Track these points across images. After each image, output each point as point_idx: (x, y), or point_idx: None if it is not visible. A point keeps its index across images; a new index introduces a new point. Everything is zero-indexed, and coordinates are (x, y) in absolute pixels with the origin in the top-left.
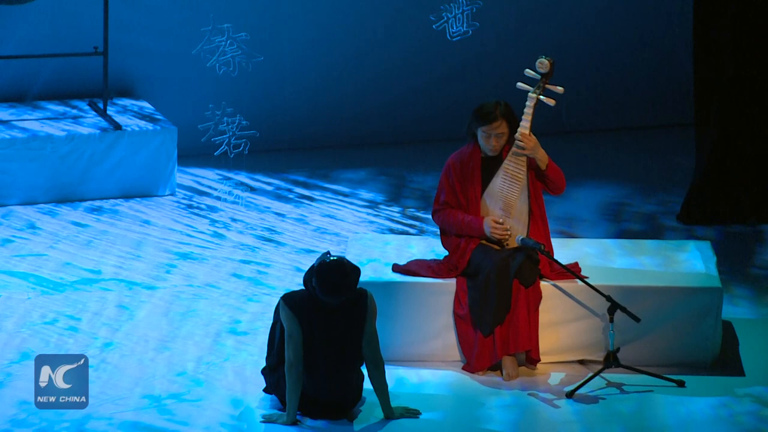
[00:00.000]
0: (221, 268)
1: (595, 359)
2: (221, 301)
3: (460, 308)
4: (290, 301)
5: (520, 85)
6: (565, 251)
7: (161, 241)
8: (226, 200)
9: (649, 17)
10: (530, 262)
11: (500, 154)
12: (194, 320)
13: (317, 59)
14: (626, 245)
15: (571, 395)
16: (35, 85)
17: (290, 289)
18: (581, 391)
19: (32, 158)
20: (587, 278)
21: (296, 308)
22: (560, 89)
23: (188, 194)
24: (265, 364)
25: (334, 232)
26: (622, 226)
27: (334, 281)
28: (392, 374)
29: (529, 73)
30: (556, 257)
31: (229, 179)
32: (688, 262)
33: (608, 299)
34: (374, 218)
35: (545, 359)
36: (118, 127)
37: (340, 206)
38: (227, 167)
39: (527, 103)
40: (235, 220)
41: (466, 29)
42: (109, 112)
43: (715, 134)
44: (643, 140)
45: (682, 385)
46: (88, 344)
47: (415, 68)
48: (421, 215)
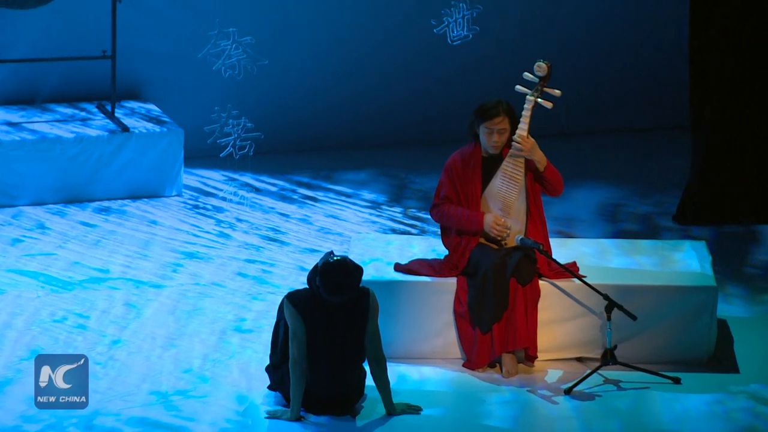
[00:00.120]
0: (227, 267)
1: (592, 356)
2: (227, 299)
3: (460, 306)
4: (294, 299)
5: (518, 88)
6: (563, 251)
7: (168, 240)
8: (231, 201)
9: (646, 22)
10: (527, 260)
11: (500, 154)
12: (200, 318)
13: (321, 63)
14: (623, 245)
15: (569, 392)
16: (45, 87)
17: (294, 287)
18: (579, 387)
19: (42, 160)
20: (585, 277)
21: (300, 307)
22: (557, 92)
23: (194, 195)
24: (269, 361)
25: (337, 232)
26: (619, 226)
27: (337, 281)
28: (394, 371)
29: (527, 76)
30: (554, 257)
31: (234, 180)
32: (683, 261)
33: (605, 298)
34: (376, 218)
35: (544, 356)
36: (125, 129)
37: (343, 207)
38: (233, 168)
39: (525, 105)
40: (240, 220)
41: (466, 33)
42: (117, 114)
43: (710, 136)
44: (639, 142)
45: (677, 381)
46: (96, 342)
47: (416, 71)
48: (422, 215)
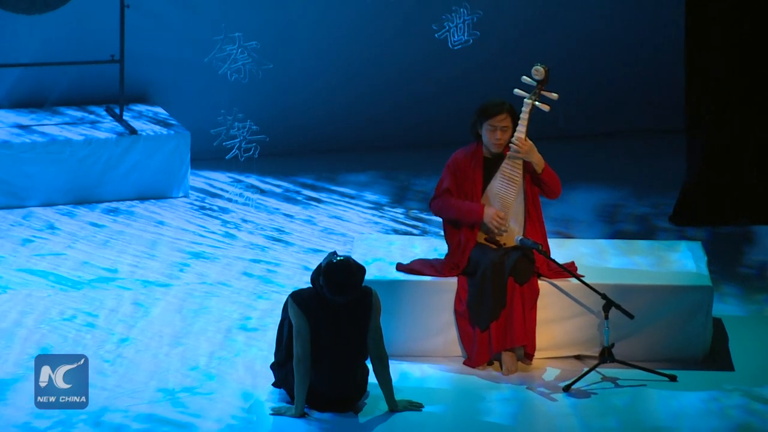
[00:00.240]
0: (232, 266)
1: (590, 355)
2: (232, 298)
3: (460, 306)
4: (298, 298)
5: (516, 91)
6: (562, 251)
7: (175, 241)
8: (237, 202)
9: (643, 26)
10: (525, 260)
11: (502, 155)
12: (206, 317)
13: (324, 67)
14: (621, 245)
15: (567, 389)
16: (55, 91)
17: (298, 287)
18: (577, 385)
19: (52, 161)
20: (583, 277)
21: (304, 306)
22: (555, 95)
23: (201, 196)
24: (274, 359)
25: (340, 232)
26: (616, 227)
27: (340, 281)
28: (396, 369)
29: (525, 80)
30: (553, 257)
31: (239, 182)
32: (679, 261)
33: (603, 297)
34: (379, 219)
35: (543, 355)
36: (133, 132)
37: (346, 208)
38: (238, 170)
39: (523, 108)
40: (245, 220)
41: (467, 38)
42: (125, 117)
43: (705, 138)
44: (637, 145)
45: (674, 379)
46: (104, 340)
47: (418, 75)
48: (423, 216)
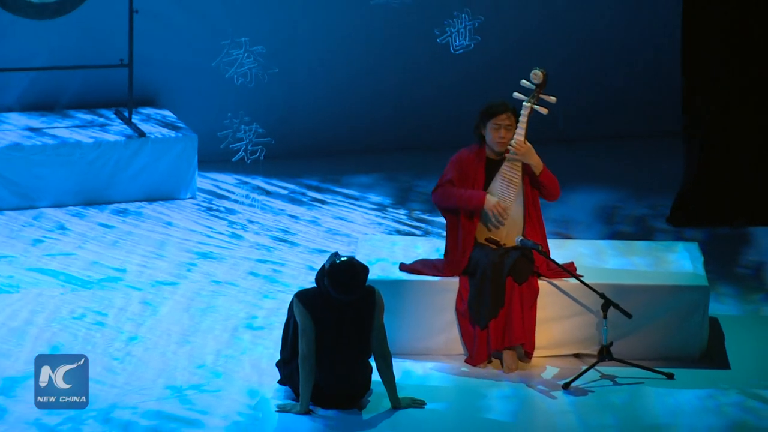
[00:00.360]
0: (239, 266)
1: (589, 353)
2: (239, 297)
3: (461, 305)
4: (303, 298)
5: (515, 95)
6: (561, 252)
7: (183, 241)
8: (243, 203)
9: (642, 30)
10: (524, 260)
11: (503, 157)
12: (213, 316)
13: (329, 71)
14: (619, 246)
15: (566, 387)
16: (65, 95)
17: (303, 286)
18: (576, 383)
19: (62, 164)
20: (582, 277)
21: (309, 305)
22: (553, 99)
23: (208, 197)
24: (279, 357)
25: (344, 233)
26: (614, 228)
27: (344, 281)
28: (399, 367)
29: (524, 83)
30: (552, 257)
31: (246, 183)
32: (677, 262)
33: (602, 297)
34: (382, 220)
35: (543, 353)
36: (142, 134)
37: (350, 209)
38: (244, 172)
39: (522, 111)
40: (251, 221)
41: (468, 43)
42: (133, 120)
43: (702, 140)
44: (635, 147)
45: (671, 377)
46: (114, 338)
47: (420, 79)
48: (426, 217)
